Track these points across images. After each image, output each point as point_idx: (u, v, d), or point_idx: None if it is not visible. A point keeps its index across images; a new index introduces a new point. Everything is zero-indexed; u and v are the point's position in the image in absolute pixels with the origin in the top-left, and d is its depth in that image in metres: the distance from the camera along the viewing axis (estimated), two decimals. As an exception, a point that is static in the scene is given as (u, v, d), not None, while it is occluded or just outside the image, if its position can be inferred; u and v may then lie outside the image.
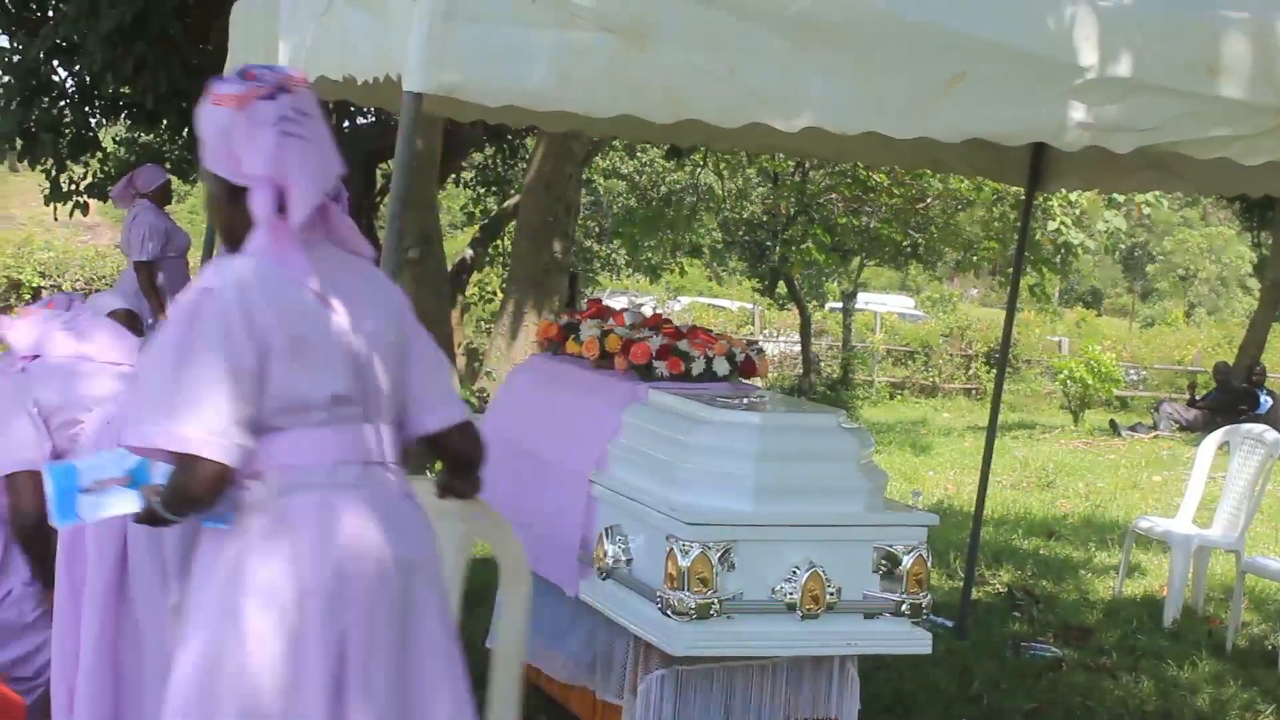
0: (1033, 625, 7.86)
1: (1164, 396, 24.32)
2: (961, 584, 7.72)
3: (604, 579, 4.88)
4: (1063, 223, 18.92)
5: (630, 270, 32.82)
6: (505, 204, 16.68)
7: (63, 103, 12.95)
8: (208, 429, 3.02)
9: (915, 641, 4.81)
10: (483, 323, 22.76)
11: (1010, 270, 14.52)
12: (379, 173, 14.93)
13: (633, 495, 4.79)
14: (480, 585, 7.39)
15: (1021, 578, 8.96)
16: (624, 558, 4.80)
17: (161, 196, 11.17)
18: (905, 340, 30.30)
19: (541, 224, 10.76)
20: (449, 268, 12.59)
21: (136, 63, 11.14)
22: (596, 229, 30.15)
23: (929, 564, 4.79)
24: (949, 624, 7.33)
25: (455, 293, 13.97)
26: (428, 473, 4.72)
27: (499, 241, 18.83)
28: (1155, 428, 19.41)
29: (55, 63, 12.68)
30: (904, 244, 23.81)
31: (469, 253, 15.90)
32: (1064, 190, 14.86)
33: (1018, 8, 4.41)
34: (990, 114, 4.41)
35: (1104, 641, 7.61)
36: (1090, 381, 21.76)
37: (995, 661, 7.05)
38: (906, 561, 4.71)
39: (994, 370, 26.27)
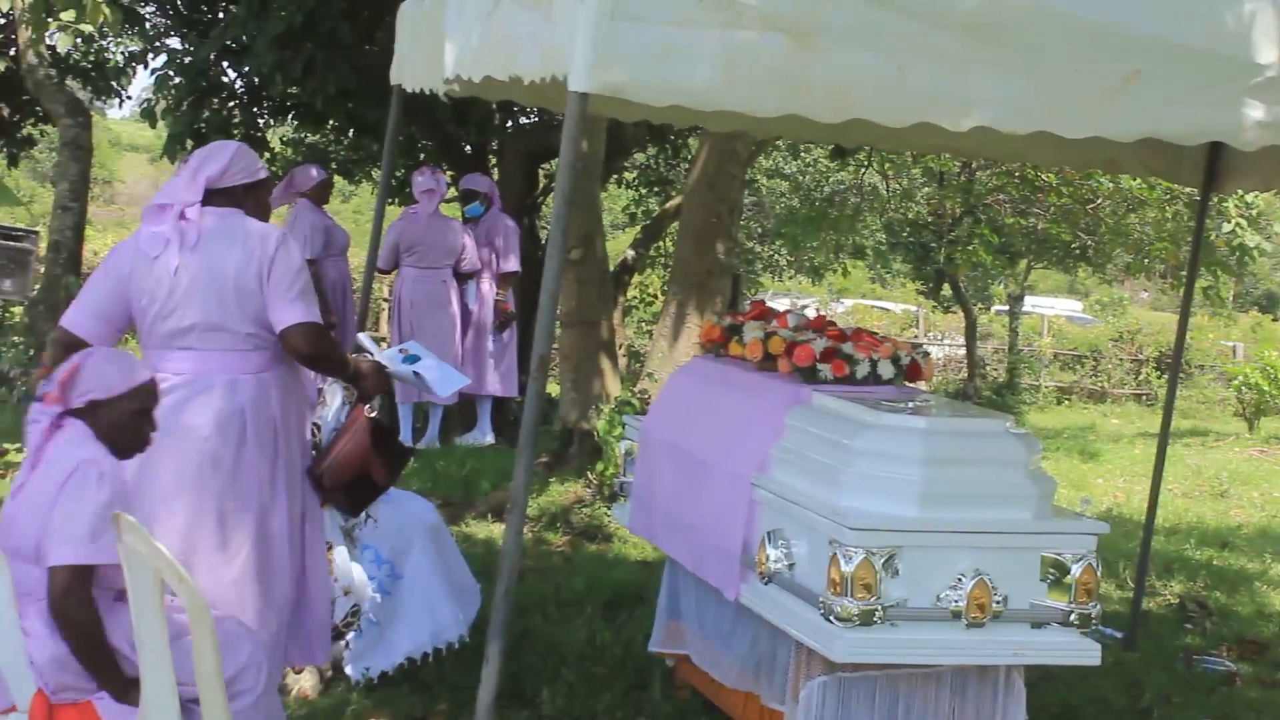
0: (1205, 638, 7.68)
1: (1344, 404, 23.62)
2: (1131, 594, 7.57)
3: (766, 583, 4.84)
4: (1238, 224, 18.42)
5: (792, 272, 32.70)
6: (667, 205, 16.69)
7: (232, 104, 13.19)
8: None
9: (1083, 652, 4.71)
10: (644, 324, 22.82)
11: (1183, 273, 14.16)
12: (541, 173, 15.03)
13: (796, 499, 4.75)
14: (639, 587, 7.42)
15: (1194, 589, 8.75)
16: (786, 562, 4.76)
17: (319, 195, 11.33)
18: (1073, 344, 29.85)
19: (704, 225, 10.72)
20: (611, 269, 12.61)
21: (305, 64, 11.30)
22: (759, 230, 30.07)
23: (1098, 573, 4.69)
24: (1118, 635, 7.19)
25: (617, 294, 14.00)
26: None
27: (660, 243, 18.85)
28: (1335, 436, 18.89)
29: (225, 64, 12.92)
30: (1073, 245, 23.40)
31: (631, 254, 15.92)
32: (1241, 191, 14.48)
33: (1194, 5, 4.31)
34: (1165, 113, 4.32)
35: (1280, 656, 7.41)
36: (1266, 388, 21.24)
37: (1166, 674, 6.90)
38: (1075, 570, 4.62)
39: (1165, 376, 25.79)
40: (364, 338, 5.91)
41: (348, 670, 5.86)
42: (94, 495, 4.07)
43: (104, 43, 15.82)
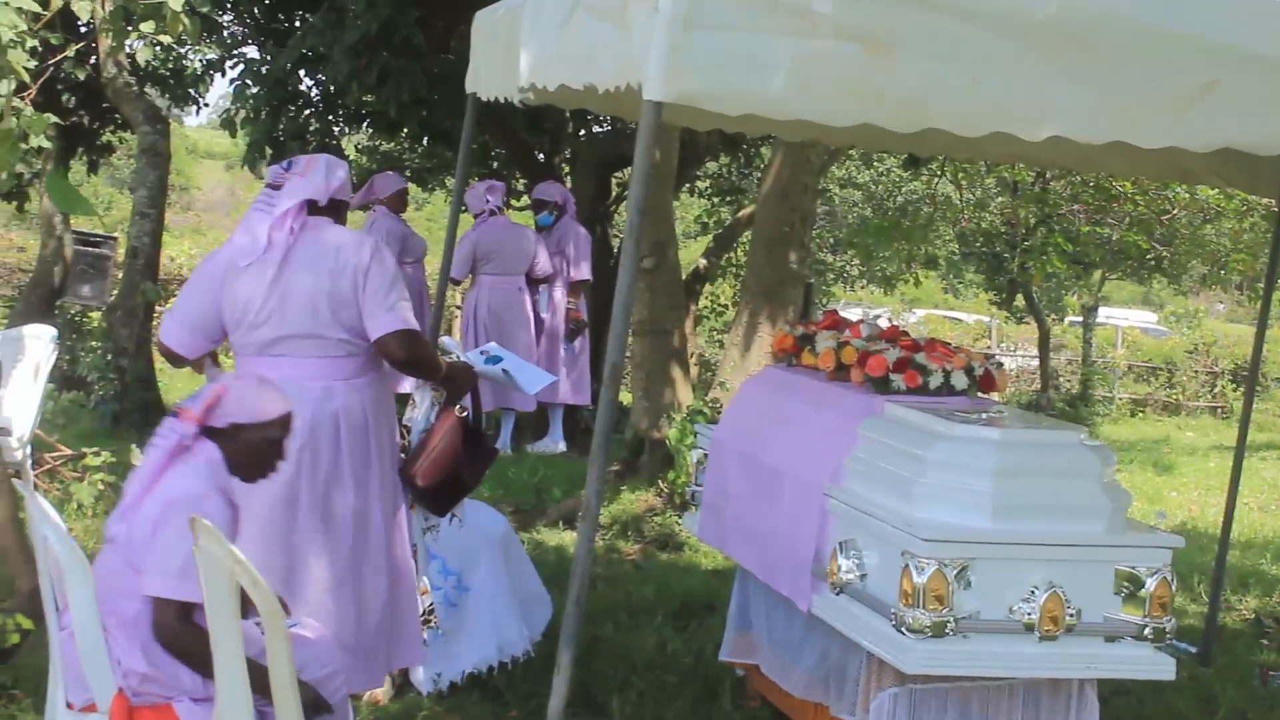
0: (1281, 653, 7.60)
1: None
2: (1206, 609, 7.49)
3: (837, 594, 4.83)
4: (1315, 235, 18.24)
5: (864, 281, 32.60)
6: (740, 214, 16.68)
7: (308, 111, 13.30)
8: None
9: (1158, 667, 4.67)
10: (715, 333, 22.81)
11: (1259, 285, 14.03)
12: (614, 181, 15.05)
13: (868, 510, 4.74)
14: (710, 596, 7.42)
15: (1270, 604, 8.66)
16: (858, 572, 4.75)
17: (397, 203, 11.42)
18: (1147, 356, 29.56)
19: (777, 234, 10.70)
20: (683, 277, 12.61)
21: (380, 72, 11.40)
22: (831, 239, 30.00)
23: (1173, 587, 4.65)
24: (1193, 650, 7.10)
25: (689, 303, 14.01)
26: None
27: (732, 252, 18.82)
28: None
29: (302, 73, 13.04)
30: (1148, 256, 23.20)
31: (703, 263, 15.92)
32: (1319, 202, 14.34)
33: (1273, 15, 4.26)
34: (1243, 123, 4.27)
35: (1358, 673, 7.31)
36: (1344, 401, 21.00)
37: (1241, 690, 6.83)
38: (1150, 584, 4.58)
39: (1240, 388, 25.52)
40: (448, 341, 5.98)
41: (416, 677, 5.88)
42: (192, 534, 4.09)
43: (182, 50, 15.98)
